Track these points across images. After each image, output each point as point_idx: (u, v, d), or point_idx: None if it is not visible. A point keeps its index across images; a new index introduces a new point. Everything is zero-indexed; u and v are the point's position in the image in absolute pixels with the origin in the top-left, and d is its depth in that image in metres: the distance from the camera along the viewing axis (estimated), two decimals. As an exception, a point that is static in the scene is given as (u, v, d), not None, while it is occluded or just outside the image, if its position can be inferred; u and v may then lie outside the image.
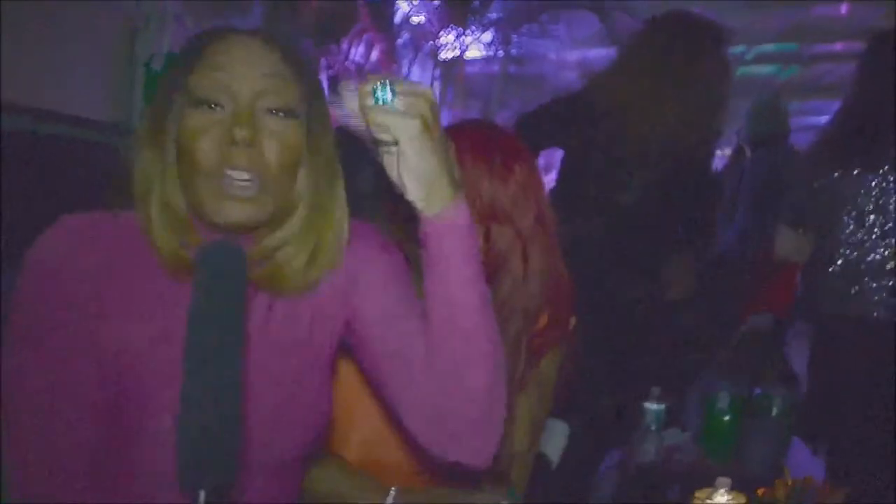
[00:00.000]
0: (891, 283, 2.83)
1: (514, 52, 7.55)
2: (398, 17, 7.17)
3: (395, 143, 1.11)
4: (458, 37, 7.32)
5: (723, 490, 1.57)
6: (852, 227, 2.89)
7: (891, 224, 2.83)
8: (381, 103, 1.10)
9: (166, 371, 1.10)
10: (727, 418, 2.41)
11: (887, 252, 2.84)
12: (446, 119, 1.77)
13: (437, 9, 7.08)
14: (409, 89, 1.11)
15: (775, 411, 2.43)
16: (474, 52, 7.55)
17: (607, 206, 2.80)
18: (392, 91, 1.10)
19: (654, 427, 2.41)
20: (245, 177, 1.11)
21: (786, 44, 7.06)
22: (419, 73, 7.39)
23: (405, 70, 7.24)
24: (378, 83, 1.10)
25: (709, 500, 1.57)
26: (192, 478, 0.92)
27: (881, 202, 2.84)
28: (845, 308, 2.91)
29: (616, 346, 2.73)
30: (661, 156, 2.75)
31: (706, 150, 3.06)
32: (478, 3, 7.05)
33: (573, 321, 1.76)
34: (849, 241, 2.90)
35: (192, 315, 0.97)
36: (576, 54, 7.24)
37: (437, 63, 7.50)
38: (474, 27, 7.23)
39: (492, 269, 1.59)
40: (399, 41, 7.17)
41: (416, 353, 1.20)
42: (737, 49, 5.85)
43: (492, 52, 7.58)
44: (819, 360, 3.06)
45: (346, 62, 6.88)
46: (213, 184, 1.11)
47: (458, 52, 7.48)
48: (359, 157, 2.73)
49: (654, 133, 2.71)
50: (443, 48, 7.40)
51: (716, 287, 3.42)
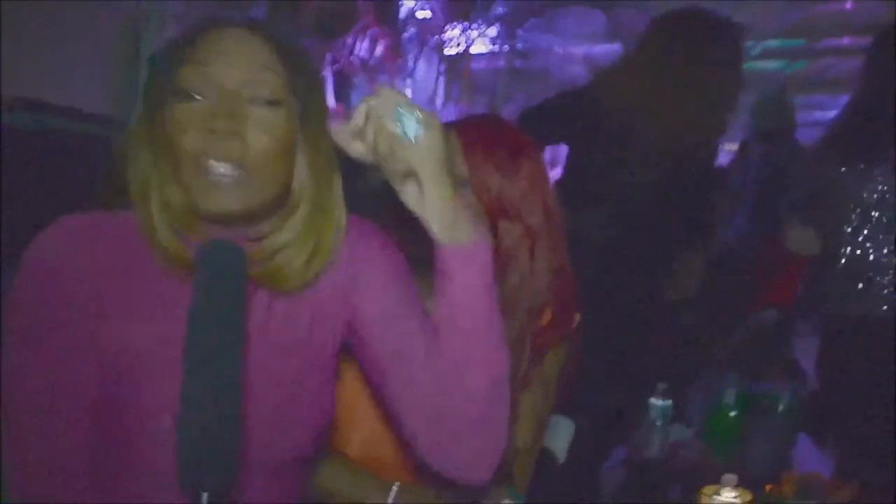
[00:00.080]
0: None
1: (519, 46, 7.54)
2: (403, 12, 7.17)
3: (409, 175, 1.10)
4: (463, 31, 7.31)
5: (729, 487, 1.56)
6: (857, 222, 2.88)
7: (896, 220, 2.82)
8: (406, 134, 1.07)
9: (166, 371, 1.09)
10: (733, 414, 2.40)
11: (892, 248, 2.83)
12: (452, 114, 1.76)
13: (442, 4, 7.07)
14: (424, 119, 1.09)
15: (781, 407, 2.42)
16: (480, 47, 7.54)
17: (611, 204, 2.79)
18: (418, 123, 1.07)
19: (659, 423, 2.40)
20: (226, 167, 1.10)
21: (792, 39, 7.04)
22: (424, 68, 7.39)
23: (410, 65, 7.23)
24: (403, 111, 1.07)
25: (716, 497, 1.56)
26: (192, 478, 0.92)
27: (886, 198, 2.83)
28: (850, 305, 2.90)
29: (620, 343, 2.72)
30: (665, 154, 2.74)
31: (711, 148, 3.05)
32: (483, -3, 7.07)
33: (577, 318, 1.76)
34: (854, 237, 2.89)
35: (191, 315, 0.97)
36: (581, 49, 7.23)
37: (443, 58, 7.50)
38: (480, 22, 7.23)
39: (499, 264, 1.59)
40: (404, 36, 7.17)
41: (416, 353, 1.20)
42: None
43: (497, 47, 7.58)
44: (826, 356, 3.05)
45: (351, 57, 6.87)
46: (198, 175, 1.11)
47: (463, 47, 7.48)
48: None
49: (660, 131, 2.70)
50: (448, 43, 7.40)
51: (720, 283, 3.42)
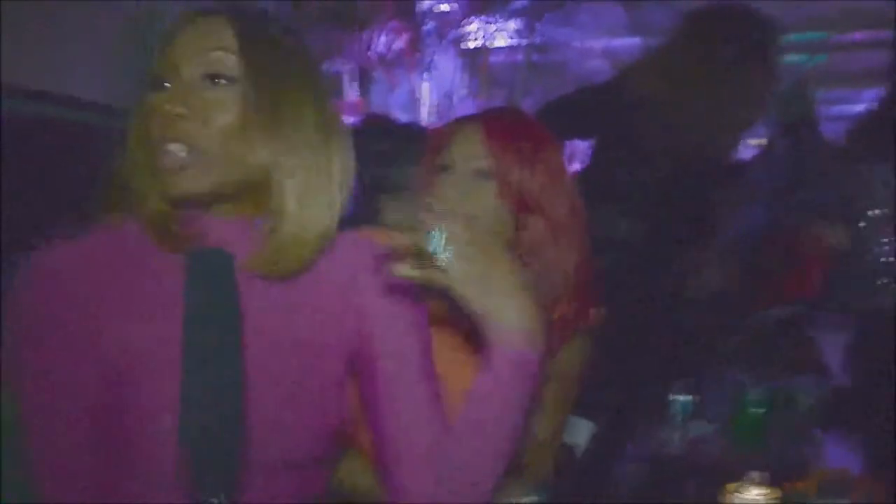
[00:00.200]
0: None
1: (538, 40, 7.51)
2: (422, 7, 7.16)
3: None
4: (482, 26, 7.30)
5: (755, 484, 1.55)
6: (881, 218, 2.86)
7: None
8: (435, 254, 1.14)
9: (166, 372, 1.10)
10: (756, 410, 2.39)
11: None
12: (470, 108, 1.75)
13: (461, -3, 7.07)
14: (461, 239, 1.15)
15: (806, 403, 2.40)
16: (498, 41, 7.52)
17: (632, 199, 2.77)
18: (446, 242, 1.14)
19: (679, 419, 2.39)
20: (180, 147, 1.12)
21: (814, 33, 7.00)
22: (443, 63, 7.38)
23: (429, 59, 7.23)
24: (434, 231, 1.14)
25: (739, 494, 1.55)
26: (196, 478, 0.95)
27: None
28: (874, 300, 2.88)
29: (641, 339, 2.71)
30: (689, 148, 2.72)
31: (734, 142, 3.02)
32: (503, -9, 7.04)
33: (598, 312, 1.75)
34: (877, 232, 2.87)
35: (187, 320, 1.01)
36: (600, 43, 7.20)
37: (461, 52, 7.48)
38: (499, 16, 7.20)
39: (523, 258, 1.58)
40: (423, 30, 7.16)
41: (420, 417, 1.23)
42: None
43: (516, 41, 7.55)
44: (852, 351, 3.03)
45: (370, 52, 6.87)
46: (161, 158, 1.13)
47: (482, 42, 7.46)
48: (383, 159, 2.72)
49: (686, 126, 2.67)
50: (467, 37, 7.38)
51: (741, 278, 3.39)
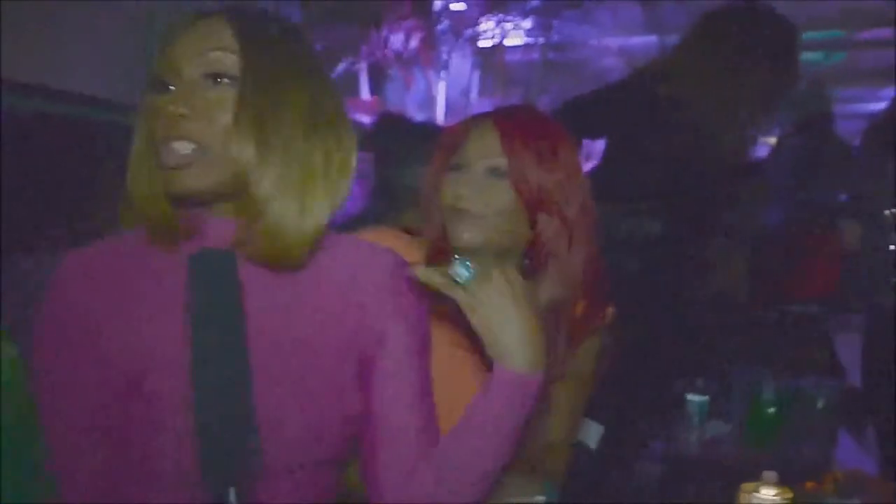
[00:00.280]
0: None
1: (554, 38, 7.50)
2: (438, 5, 7.16)
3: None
4: (498, 24, 7.29)
5: (770, 484, 1.54)
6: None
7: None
8: (461, 281, 1.23)
9: (176, 372, 1.12)
10: (771, 411, 2.38)
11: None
12: (486, 107, 1.75)
13: (477, -5, 7.07)
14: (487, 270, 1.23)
15: (821, 403, 2.39)
16: (514, 39, 7.51)
17: (647, 196, 2.77)
18: (468, 271, 1.24)
19: (696, 419, 2.39)
20: (183, 145, 1.13)
21: (832, 31, 6.96)
22: (458, 61, 7.38)
23: (444, 57, 7.23)
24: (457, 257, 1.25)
25: (755, 494, 1.54)
26: (208, 476, 0.98)
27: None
28: (888, 298, 2.88)
29: (657, 338, 2.70)
30: (708, 147, 2.71)
31: (751, 142, 3.01)
32: (518, -11, 7.04)
33: (611, 311, 1.74)
34: (891, 230, 2.87)
35: (193, 322, 1.05)
36: (617, 41, 7.18)
37: (477, 50, 7.48)
38: (514, 14, 7.20)
39: (540, 257, 1.58)
40: (439, 28, 7.16)
41: (409, 427, 1.26)
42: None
43: (532, 39, 7.54)
44: (868, 350, 3.02)
45: (385, 50, 6.88)
46: (164, 157, 1.14)
47: (497, 40, 7.46)
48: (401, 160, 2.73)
49: (704, 127, 2.66)
50: (483, 35, 7.38)
51: (757, 277, 3.38)
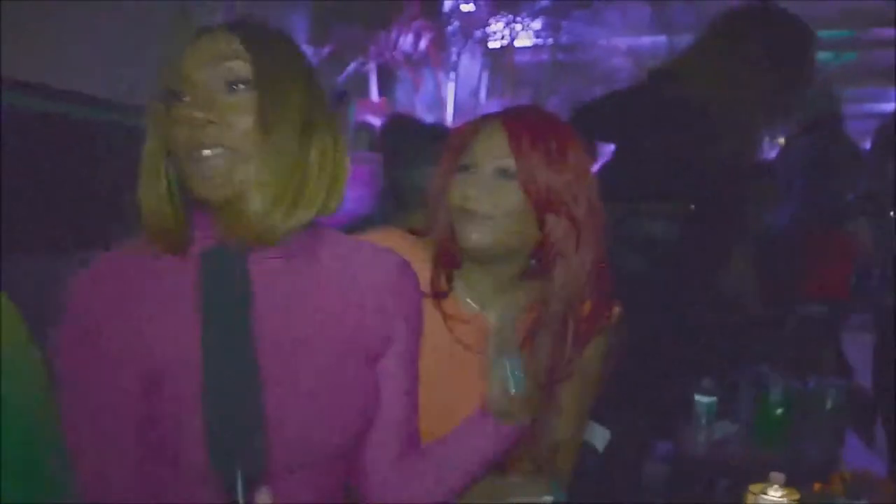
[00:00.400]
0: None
1: (563, 39, 7.51)
2: (447, 6, 7.17)
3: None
4: (507, 25, 7.30)
5: (777, 485, 1.54)
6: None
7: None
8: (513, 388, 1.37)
9: (191, 371, 1.13)
10: (779, 411, 2.38)
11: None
12: (496, 108, 1.75)
13: (486, -3, 7.08)
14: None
15: (830, 404, 2.38)
16: (524, 41, 7.52)
17: (657, 197, 2.76)
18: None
19: (704, 420, 2.38)
20: (212, 151, 1.17)
21: (841, 30, 6.95)
22: (468, 62, 7.39)
23: (454, 58, 7.24)
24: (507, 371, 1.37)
25: (763, 496, 1.54)
26: (223, 463, 1.03)
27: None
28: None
29: (665, 339, 2.70)
30: (719, 150, 2.70)
31: (761, 143, 3.01)
32: (528, -10, 7.04)
33: (617, 311, 1.74)
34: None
35: (203, 318, 1.09)
36: (626, 42, 7.18)
37: (487, 51, 7.49)
38: (524, 15, 7.21)
39: (548, 258, 1.58)
40: (448, 29, 7.17)
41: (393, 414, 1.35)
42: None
43: (541, 40, 7.55)
44: (876, 351, 3.02)
45: (395, 51, 6.89)
46: (191, 165, 1.18)
47: (507, 41, 7.47)
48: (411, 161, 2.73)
49: (717, 128, 2.65)
50: (492, 36, 7.39)
51: (767, 277, 3.38)
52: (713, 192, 2.73)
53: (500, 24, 7.28)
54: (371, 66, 6.90)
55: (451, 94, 7.27)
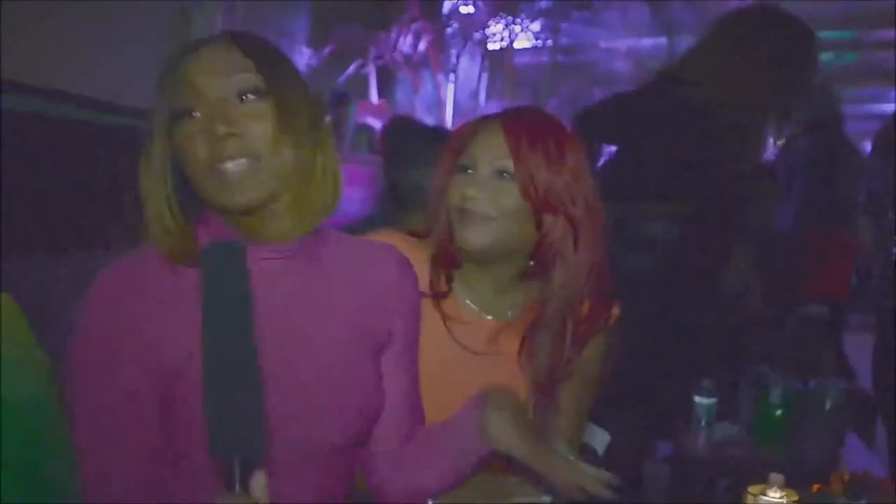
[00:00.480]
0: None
1: (563, 41, 7.51)
2: (447, 7, 7.17)
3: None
4: (506, 26, 7.30)
5: (776, 486, 1.54)
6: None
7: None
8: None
9: (195, 367, 1.15)
10: (779, 412, 2.37)
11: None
12: (495, 110, 1.75)
13: (486, -2, 7.08)
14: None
15: (830, 404, 2.38)
16: (523, 42, 7.52)
17: (657, 197, 2.76)
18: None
19: (704, 421, 2.38)
20: (236, 162, 1.19)
21: (842, 31, 6.95)
22: (467, 64, 7.39)
23: (453, 60, 7.24)
24: None
25: (762, 497, 1.54)
26: (222, 447, 1.05)
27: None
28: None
29: (665, 339, 2.70)
30: (721, 150, 2.70)
31: (763, 143, 3.00)
32: (527, -8, 7.05)
33: (616, 311, 1.74)
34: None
35: (204, 310, 1.10)
36: (625, 43, 7.18)
37: (486, 53, 7.49)
38: (523, 17, 7.21)
39: (546, 259, 1.58)
40: (448, 31, 7.17)
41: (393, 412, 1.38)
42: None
43: (541, 42, 7.55)
44: (880, 351, 3.02)
45: (395, 52, 6.89)
46: (213, 177, 1.19)
47: (506, 42, 7.47)
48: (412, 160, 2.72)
49: (722, 129, 2.65)
50: (491, 38, 7.39)
51: (767, 278, 3.38)
52: (713, 192, 2.72)
53: (500, 26, 7.28)
54: (371, 68, 6.90)
55: (450, 96, 7.28)
